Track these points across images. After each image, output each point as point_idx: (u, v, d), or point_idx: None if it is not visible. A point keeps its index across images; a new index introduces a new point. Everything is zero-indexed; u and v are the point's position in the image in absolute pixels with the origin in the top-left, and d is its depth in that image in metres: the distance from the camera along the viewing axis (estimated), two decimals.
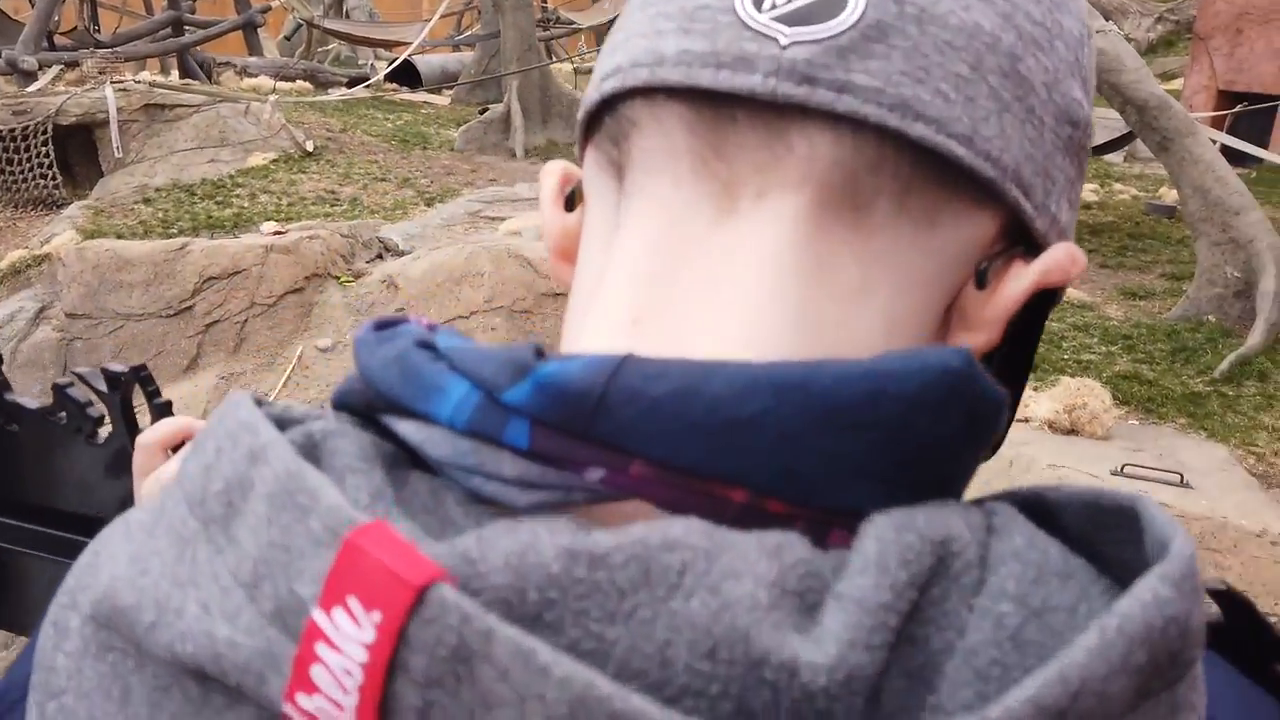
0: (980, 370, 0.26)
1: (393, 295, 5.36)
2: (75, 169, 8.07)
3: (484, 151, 9.09)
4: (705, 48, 0.30)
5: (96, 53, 10.31)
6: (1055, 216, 0.33)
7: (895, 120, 0.29)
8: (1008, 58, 0.30)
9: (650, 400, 0.25)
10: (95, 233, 6.53)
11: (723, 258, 0.30)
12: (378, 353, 0.29)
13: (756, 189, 0.30)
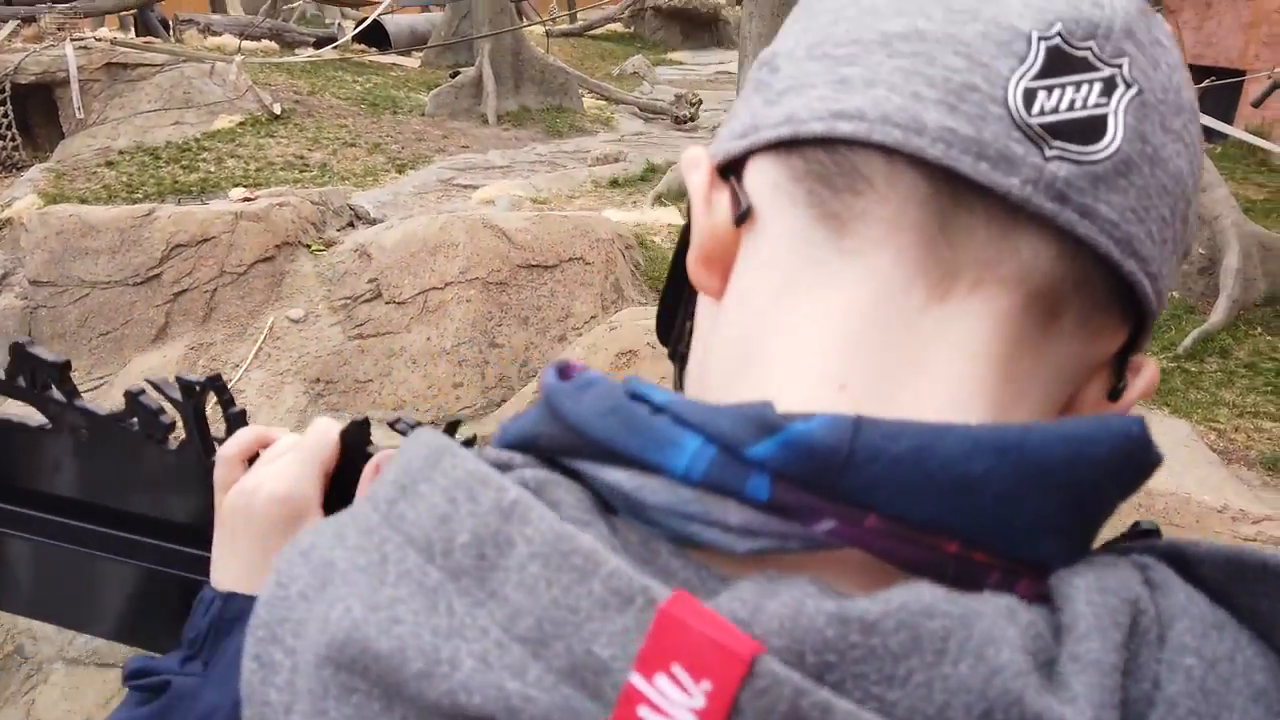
0: (1151, 437, 0.29)
1: (365, 265, 5.30)
2: (35, 130, 7.85)
3: (455, 117, 8.98)
4: (971, 133, 0.31)
5: (55, 8, 9.97)
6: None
7: (1117, 253, 0.31)
8: (1187, 203, 0.34)
9: (890, 458, 0.27)
10: (57, 196, 6.38)
11: (933, 340, 0.32)
12: (586, 402, 0.31)
13: (973, 279, 0.32)
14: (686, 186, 0.38)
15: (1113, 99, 0.31)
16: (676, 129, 9.60)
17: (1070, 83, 0.31)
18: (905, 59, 0.32)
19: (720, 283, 0.37)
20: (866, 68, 0.33)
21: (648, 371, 4.18)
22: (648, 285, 5.45)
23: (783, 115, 0.34)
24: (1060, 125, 0.30)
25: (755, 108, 0.36)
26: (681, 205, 6.42)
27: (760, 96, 0.36)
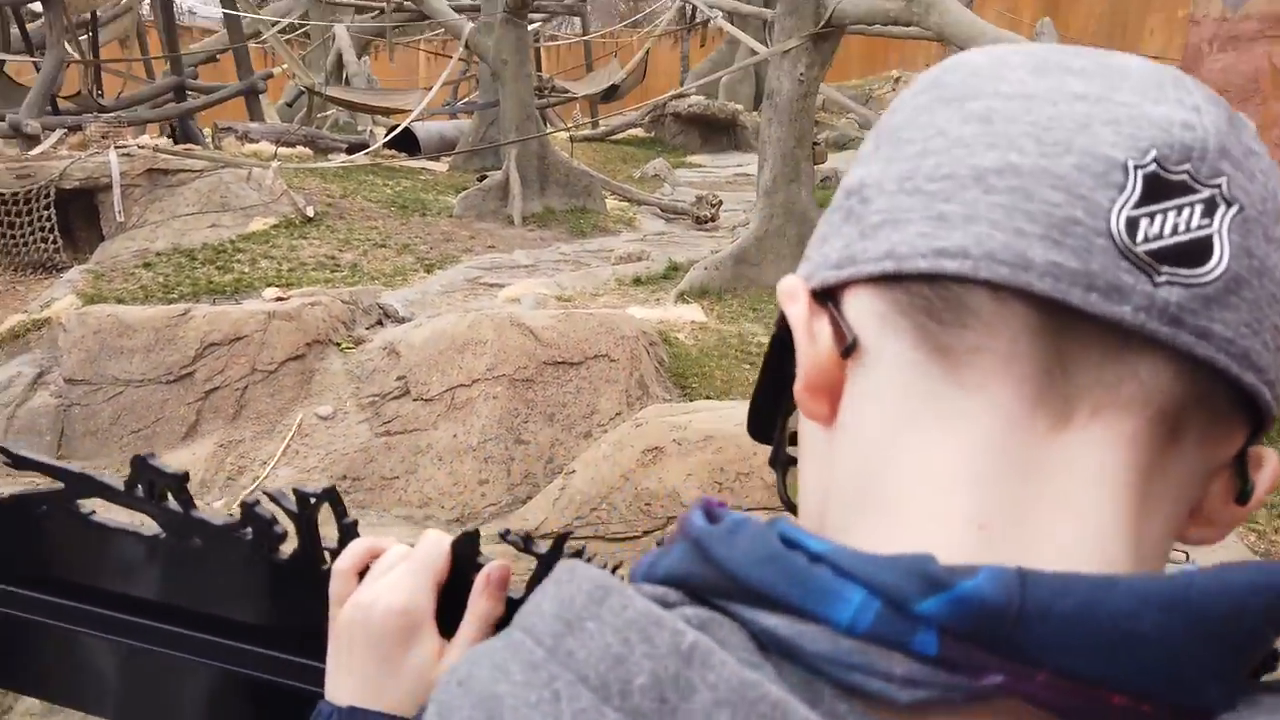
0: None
1: (394, 362, 5.38)
2: (76, 233, 8.12)
3: (482, 218, 9.21)
4: (1078, 266, 0.31)
5: (100, 117, 10.44)
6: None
7: (1236, 369, 0.32)
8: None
9: (1060, 616, 0.28)
10: (95, 297, 6.56)
11: (1061, 471, 0.32)
12: (740, 548, 0.32)
13: (1093, 406, 0.32)
14: (785, 315, 0.39)
15: (1215, 219, 0.32)
16: (697, 228, 9.79)
17: (1171, 208, 0.31)
18: (1002, 195, 0.33)
19: (829, 410, 0.37)
20: (964, 204, 0.33)
21: (674, 468, 4.17)
22: (672, 381, 5.48)
23: (883, 250, 0.35)
24: (1166, 251, 0.31)
25: (850, 238, 0.37)
26: (704, 303, 6.51)
27: (854, 227, 0.37)
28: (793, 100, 6.44)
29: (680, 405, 4.82)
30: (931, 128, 0.35)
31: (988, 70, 0.36)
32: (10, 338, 6.26)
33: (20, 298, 7.21)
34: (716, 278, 6.69)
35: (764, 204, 6.67)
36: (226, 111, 13.02)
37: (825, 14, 6.15)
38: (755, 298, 6.67)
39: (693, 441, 4.16)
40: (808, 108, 6.55)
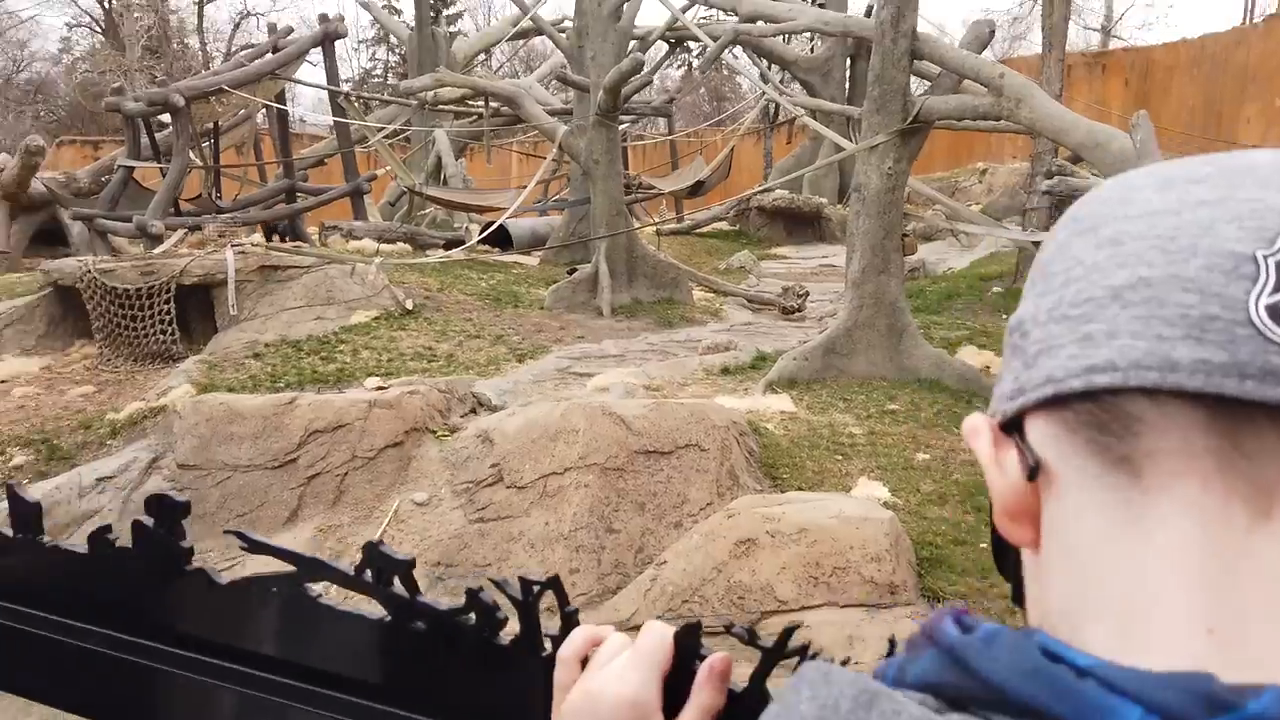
0: None
1: (488, 450, 5.47)
2: (193, 325, 8.59)
3: (572, 310, 9.43)
4: (1225, 359, 0.33)
5: (218, 218, 11.15)
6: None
7: None
8: None
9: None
10: (208, 386, 6.89)
11: (1274, 562, 0.33)
12: (1002, 660, 0.33)
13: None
14: (975, 454, 0.41)
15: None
16: (784, 319, 9.82)
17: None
18: (1138, 307, 0.35)
19: (1032, 534, 0.39)
20: (1105, 322, 0.36)
21: (768, 561, 4.10)
22: (763, 472, 5.42)
23: (1042, 376, 0.37)
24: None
25: (1016, 371, 0.39)
26: (793, 393, 6.48)
27: (1018, 360, 0.39)
28: (881, 193, 6.49)
29: (772, 496, 4.76)
30: (1071, 259, 0.38)
31: (1116, 196, 0.38)
32: (129, 424, 6.60)
33: (140, 386, 7.61)
34: (806, 368, 6.67)
35: (853, 295, 6.66)
36: (332, 211, 13.77)
37: (913, 111, 6.24)
38: (845, 388, 6.61)
39: (787, 534, 4.09)
40: (896, 200, 6.58)
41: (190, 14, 34.77)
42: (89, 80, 31.95)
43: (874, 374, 6.73)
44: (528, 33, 16.78)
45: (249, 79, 11.43)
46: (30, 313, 9.01)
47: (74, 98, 32.36)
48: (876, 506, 4.48)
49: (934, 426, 6.02)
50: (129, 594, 0.69)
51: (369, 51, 39.43)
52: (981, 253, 13.13)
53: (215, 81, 11.70)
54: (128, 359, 8.25)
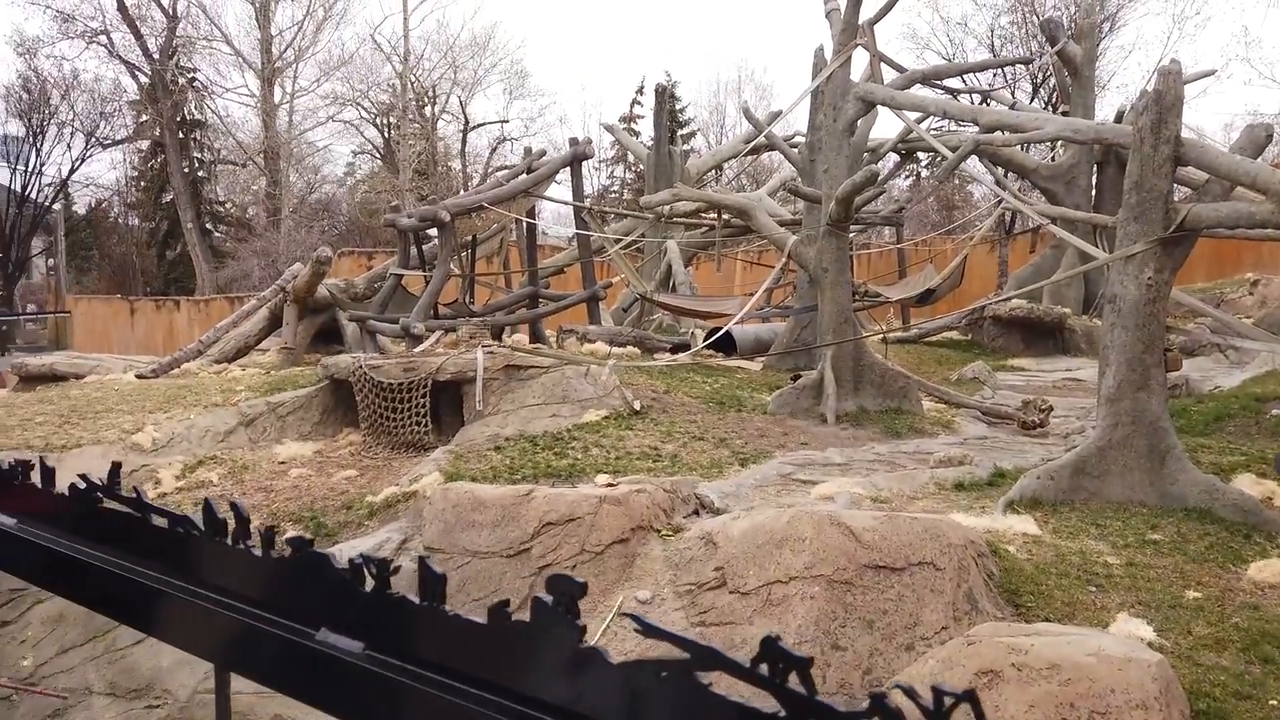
0: None
1: (711, 553, 5.47)
2: (444, 418, 9.32)
3: (795, 416, 9.37)
4: None
5: (470, 321, 12.15)
6: None
7: None
8: None
9: None
10: (455, 475, 7.40)
11: None
12: None
13: None
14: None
15: None
16: (1024, 434, 9.23)
17: None
18: None
19: None
20: None
21: (1014, 697, 3.78)
22: (1003, 598, 5.05)
23: None
24: None
25: None
26: (1037, 514, 6.03)
27: None
28: (1139, 305, 6.05)
29: (1018, 626, 4.41)
30: None
31: None
32: (384, 506, 7.19)
33: (395, 472, 8.30)
34: (1051, 488, 6.21)
35: (1107, 412, 6.18)
36: (568, 315, 14.64)
37: (1177, 219, 5.83)
38: (1098, 512, 6.08)
39: (1035, 669, 3.76)
40: (1156, 313, 6.11)
41: (455, 140, 38.89)
42: (367, 199, 36.26)
43: (1131, 499, 6.15)
44: (759, 149, 17.35)
45: (506, 196, 12.55)
46: (309, 402, 10.13)
47: (354, 214, 36.79)
48: (1141, 647, 4.04)
49: (1206, 561, 5.38)
50: (522, 666, 0.74)
51: (608, 170, 42.21)
52: (1256, 370, 11.81)
53: (477, 199, 12.94)
54: (387, 447, 9.05)
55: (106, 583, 1.15)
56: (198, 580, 1.04)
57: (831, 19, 10.08)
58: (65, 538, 1.22)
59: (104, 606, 1.26)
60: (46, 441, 8.98)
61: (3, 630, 6.48)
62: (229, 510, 1.02)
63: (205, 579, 1.04)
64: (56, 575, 1.28)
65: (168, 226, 37.47)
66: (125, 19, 33.71)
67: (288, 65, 35.78)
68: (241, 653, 1.04)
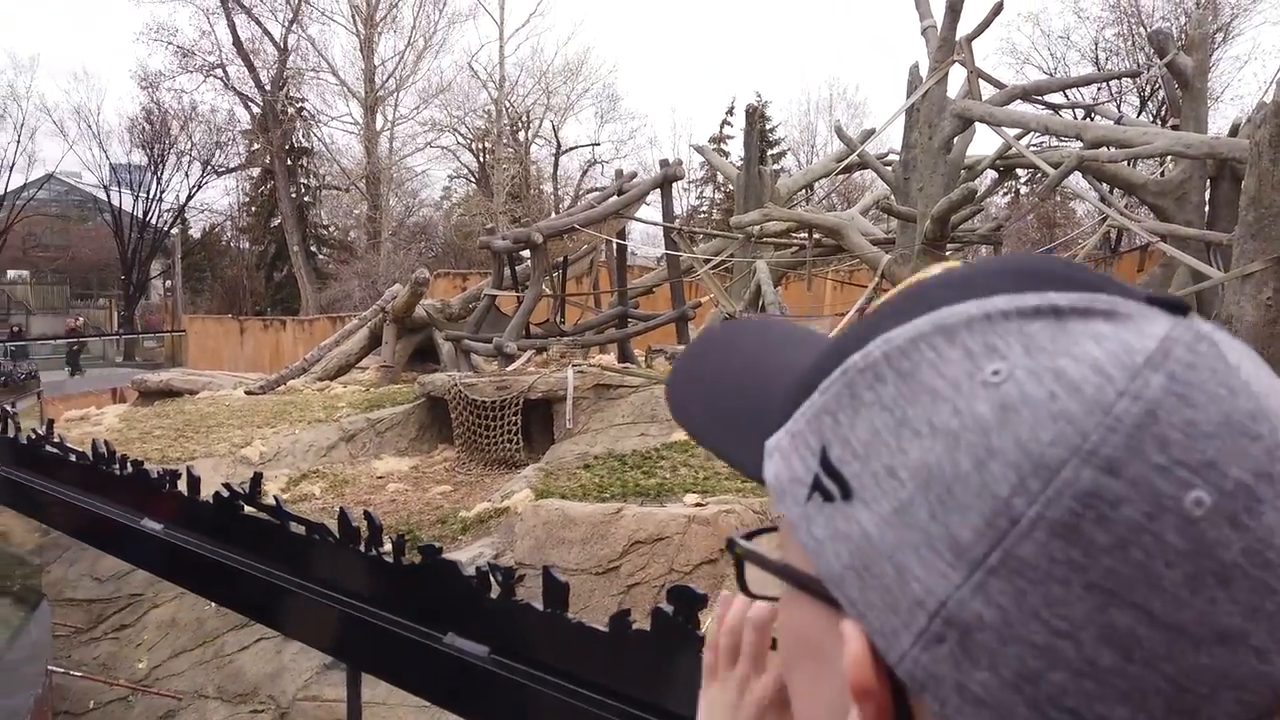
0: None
1: None
2: (534, 435, 9.47)
3: None
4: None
5: (561, 340, 12.32)
6: None
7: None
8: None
9: None
10: (545, 492, 7.50)
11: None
12: None
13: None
14: None
15: None
16: None
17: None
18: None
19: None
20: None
21: None
22: None
23: None
24: None
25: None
26: None
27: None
28: (1257, 326, 5.75)
29: None
30: None
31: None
32: (477, 522, 7.33)
33: (487, 488, 8.47)
34: None
35: None
36: (657, 335, 14.69)
37: None
38: None
39: None
40: (1277, 334, 5.80)
41: (547, 164, 39.67)
42: (462, 222, 37.24)
43: None
44: (850, 167, 17.18)
45: (598, 218, 12.72)
46: (406, 419, 10.43)
47: (449, 237, 37.83)
48: None
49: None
50: (642, 673, 0.76)
51: (697, 190, 42.36)
52: None
53: (569, 221, 13.15)
54: (479, 463, 9.24)
55: (246, 585, 1.22)
56: (332, 585, 1.09)
57: (927, 35, 9.93)
58: (208, 542, 1.30)
59: (244, 608, 1.33)
60: (163, 454, 9.47)
61: (122, 633, 6.84)
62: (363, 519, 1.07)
63: (339, 584, 1.09)
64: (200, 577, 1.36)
65: (275, 249, 39.22)
66: (240, 53, 35.57)
67: (389, 94, 37.16)
68: (373, 654, 1.09)
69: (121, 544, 1.62)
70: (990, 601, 0.36)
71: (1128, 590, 0.35)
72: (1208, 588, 0.35)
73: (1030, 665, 0.36)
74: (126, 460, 1.78)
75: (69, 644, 6.74)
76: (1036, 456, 0.36)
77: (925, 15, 10.00)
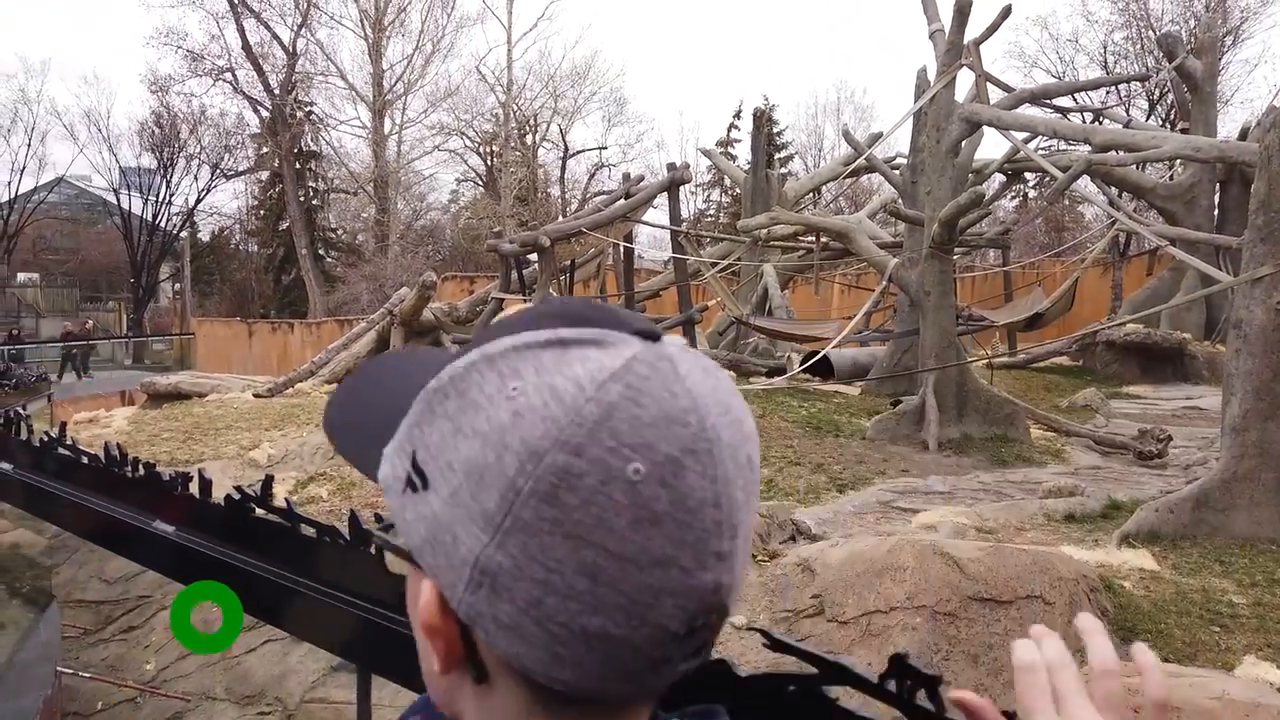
0: None
1: (809, 580, 5.39)
2: None
3: (895, 442, 9.17)
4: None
5: None
6: None
7: None
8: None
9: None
10: None
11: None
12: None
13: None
14: None
15: None
16: (1140, 464, 8.81)
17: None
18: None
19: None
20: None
21: None
22: (1119, 636, 4.82)
23: None
24: None
25: None
26: (1155, 549, 5.75)
27: None
28: (1266, 330, 5.74)
29: (1133, 665, 4.20)
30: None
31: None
32: None
33: None
34: (1171, 522, 5.91)
35: (1232, 442, 5.86)
36: None
37: None
38: (1222, 549, 5.75)
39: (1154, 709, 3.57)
40: None
41: (555, 167, 39.75)
42: (470, 225, 37.33)
43: (1258, 535, 5.80)
44: (858, 171, 17.18)
45: (605, 222, 12.74)
46: None
47: (457, 240, 37.92)
48: (1270, 691, 3.80)
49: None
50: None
51: (704, 194, 42.38)
52: None
53: (576, 225, 13.18)
54: None
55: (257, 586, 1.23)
56: (343, 586, 1.11)
57: (935, 40, 9.94)
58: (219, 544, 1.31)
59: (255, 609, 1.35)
60: (171, 456, 9.52)
61: (130, 635, 6.87)
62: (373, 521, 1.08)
63: (350, 585, 1.10)
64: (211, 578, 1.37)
65: (284, 252, 39.37)
66: (249, 57, 35.74)
67: (397, 98, 37.29)
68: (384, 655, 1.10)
69: (133, 546, 1.64)
70: (507, 553, 0.50)
71: (590, 535, 0.49)
72: (645, 528, 0.49)
73: (534, 595, 0.50)
74: (139, 463, 1.79)
75: (78, 645, 6.77)
76: (531, 447, 0.50)
77: (933, 19, 10.00)
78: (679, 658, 0.53)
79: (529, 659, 0.52)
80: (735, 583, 0.54)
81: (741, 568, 0.54)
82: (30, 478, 1.76)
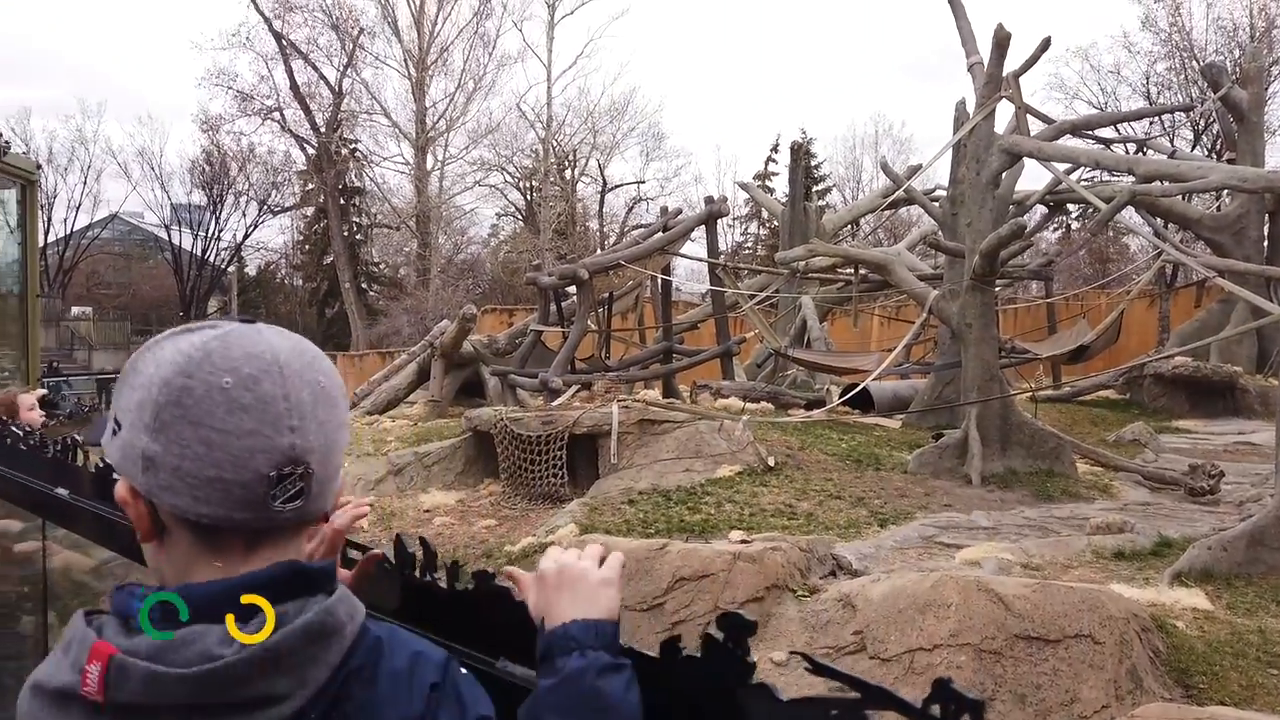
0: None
1: (849, 615, 5.31)
2: (579, 471, 9.47)
3: (937, 476, 9.03)
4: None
5: (606, 375, 12.37)
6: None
7: None
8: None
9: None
10: (589, 527, 7.49)
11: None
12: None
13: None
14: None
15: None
16: (1192, 501, 8.59)
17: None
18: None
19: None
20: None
21: None
22: (1171, 678, 4.67)
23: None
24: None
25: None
26: (1208, 588, 5.58)
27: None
28: None
29: (1189, 709, 4.07)
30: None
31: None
32: (521, 556, 7.34)
33: (531, 523, 8.48)
34: (1224, 560, 5.74)
35: None
36: (701, 370, 14.68)
37: None
38: (1278, 588, 5.57)
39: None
40: None
41: (593, 201, 40.11)
42: (509, 259, 37.72)
43: None
44: (897, 203, 17.12)
45: (643, 254, 12.81)
46: (453, 453, 10.51)
47: (497, 273, 38.31)
48: None
49: None
50: (692, 699, 0.76)
51: (742, 226, 42.46)
52: None
53: (615, 258, 13.27)
54: (524, 498, 9.26)
55: None
56: (388, 610, 1.11)
57: (974, 72, 9.92)
58: None
59: None
60: None
61: None
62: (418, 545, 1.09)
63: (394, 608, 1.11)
64: None
65: (328, 286, 40.05)
66: (296, 97, 36.65)
67: (440, 134, 37.96)
68: None
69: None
70: (159, 443, 0.83)
71: (203, 420, 0.82)
72: (237, 413, 0.82)
73: (176, 464, 0.82)
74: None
75: None
76: (164, 378, 0.83)
77: (972, 52, 9.99)
78: (281, 495, 0.83)
79: (182, 504, 0.82)
80: (310, 446, 0.85)
81: (315, 439, 0.85)
82: (86, 503, 1.81)
